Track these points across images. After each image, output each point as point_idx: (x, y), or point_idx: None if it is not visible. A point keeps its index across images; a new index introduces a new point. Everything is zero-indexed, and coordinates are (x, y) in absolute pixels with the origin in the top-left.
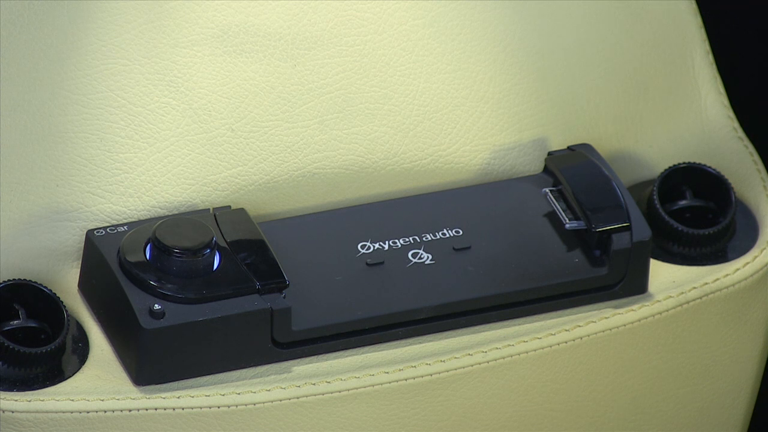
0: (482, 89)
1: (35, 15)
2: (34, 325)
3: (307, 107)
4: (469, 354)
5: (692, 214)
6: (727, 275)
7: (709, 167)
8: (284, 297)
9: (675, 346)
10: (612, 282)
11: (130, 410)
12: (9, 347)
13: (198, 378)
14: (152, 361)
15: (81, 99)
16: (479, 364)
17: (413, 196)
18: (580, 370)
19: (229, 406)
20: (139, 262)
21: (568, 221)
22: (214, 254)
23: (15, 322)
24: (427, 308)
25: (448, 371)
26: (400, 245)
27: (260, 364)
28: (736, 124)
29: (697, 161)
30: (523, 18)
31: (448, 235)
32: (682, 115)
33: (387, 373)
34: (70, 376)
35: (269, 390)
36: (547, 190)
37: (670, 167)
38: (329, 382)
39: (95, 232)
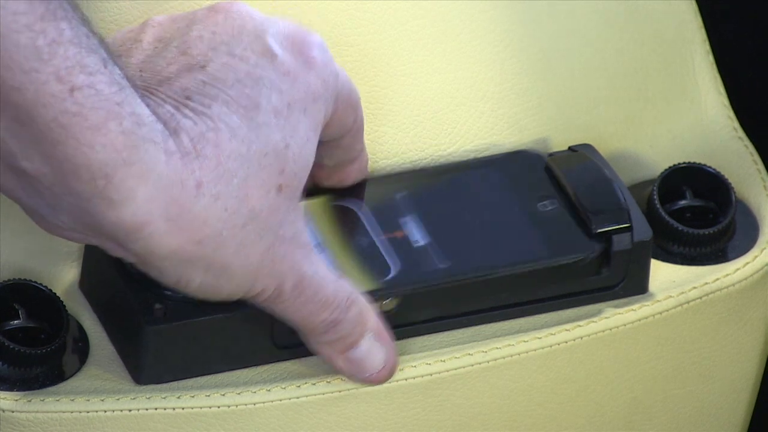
0: (482, 89)
1: None
2: (34, 325)
3: None
4: (469, 354)
5: (692, 214)
6: (727, 275)
7: (709, 167)
8: None
9: (675, 346)
10: (612, 282)
11: (130, 410)
12: (9, 347)
13: (198, 378)
14: (153, 361)
15: None
16: (479, 364)
17: None
18: (580, 370)
19: (229, 406)
20: None
21: None
22: None
23: (15, 322)
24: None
25: (448, 371)
26: None
27: (260, 364)
28: (736, 124)
29: (697, 161)
30: (523, 18)
31: None
32: (682, 115)
33: None
34: (70, 376)
35: (269, 390)
36: None
37: (670, 167)
38: (329, 382)
39: None
